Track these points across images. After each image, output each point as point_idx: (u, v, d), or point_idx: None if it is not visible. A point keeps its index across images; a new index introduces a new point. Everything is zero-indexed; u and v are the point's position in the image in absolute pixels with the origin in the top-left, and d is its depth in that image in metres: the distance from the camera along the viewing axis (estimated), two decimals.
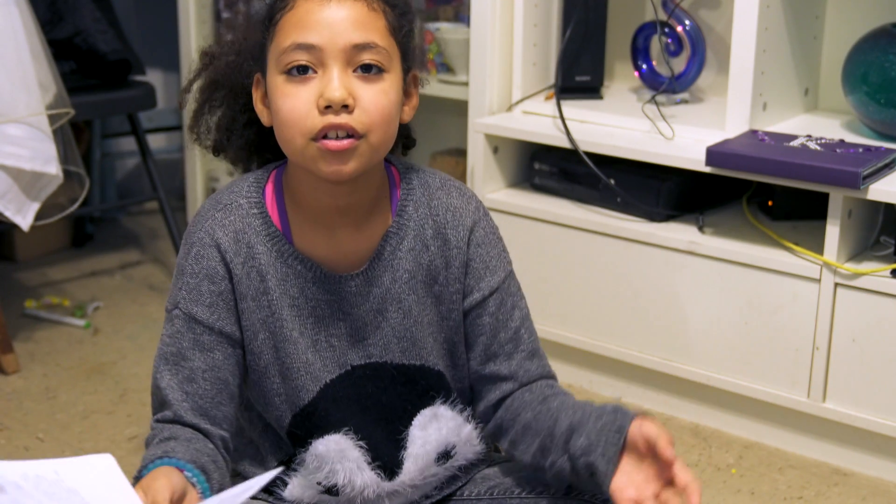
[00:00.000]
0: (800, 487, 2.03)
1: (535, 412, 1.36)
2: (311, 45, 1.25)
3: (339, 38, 1.25)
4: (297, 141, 1.27)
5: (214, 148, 1.45)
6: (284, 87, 1.26)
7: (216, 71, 1.42)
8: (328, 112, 1.24)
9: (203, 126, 1.45)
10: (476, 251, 1.39)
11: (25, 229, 2.37)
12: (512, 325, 1.40)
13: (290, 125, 1.26)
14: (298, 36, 1.26)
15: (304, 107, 1.25)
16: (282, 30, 1.28)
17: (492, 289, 1.39)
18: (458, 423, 1.40)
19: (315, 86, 1.25)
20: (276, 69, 1.28)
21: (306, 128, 1.25)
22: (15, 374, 2.43)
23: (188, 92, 1.46)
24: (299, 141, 1.26)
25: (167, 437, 1.29)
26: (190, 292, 1.34)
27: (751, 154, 2.02)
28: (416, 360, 1.39)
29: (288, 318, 1.35)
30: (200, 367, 1.33)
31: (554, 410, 1.34)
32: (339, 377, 1.38)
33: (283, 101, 1.27)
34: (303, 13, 1.26)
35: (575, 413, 1.31)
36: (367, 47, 1.26)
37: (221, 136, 1.44)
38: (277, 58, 1.27)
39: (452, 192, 1.40)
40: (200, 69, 1.44)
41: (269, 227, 1.35)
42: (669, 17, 2.38)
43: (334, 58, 1.25)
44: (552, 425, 1.32)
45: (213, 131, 1.45)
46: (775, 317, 2.08)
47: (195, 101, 1.45)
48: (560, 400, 1.36)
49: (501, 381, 1.40)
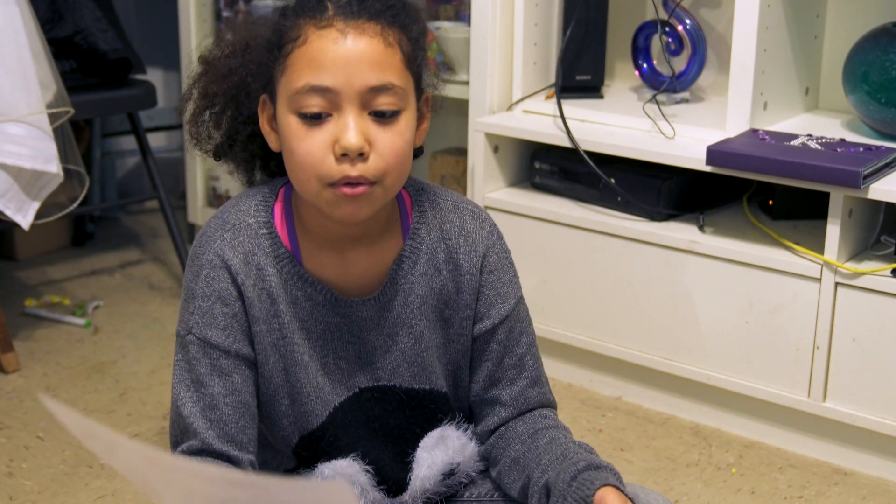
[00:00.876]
0: (800, 487, 2.03)
1: (524, 447, 1.35)
2: (325, 87, 1.21)
3: (356, 81, 1.21)
4: (311, 184, 1.24)
5: (215, 154, 1.42)
6: (298, 130, 1.23)
7: (217, 83, 1.36)
8: (344, 160, 1.22)
9: (203, 132, 1.41)
10: (488, 278, 1.38)
11: (26, 228, 2.37)
12: (518, 352, 1.40)
13: (304, 169, 1.24)
14: (312, 77, 1.21)
15: (320, 151, 1.22)
16: (294, 66, 1.23)
17: (502, 317, 1.38)
18: (463, 443, 1.39)
19: (330, 129, 1.22)
20: (288, 108, 1.24)
21: (322, 173, 1.23)
22: (15, 373, 2.43)
23: (189, 100, 1.41)
24: (314, 185, 1.24)
25: None
26: (203, 316, 1.30)
27: (751, 153, 2.02)
28: (426, 385, 1.38)
29: (298, 341, 1.33)
30: (221, 392, 1.30)
31: (540, 451, 1.33)
32: (348, 400, 1.36)
33: (298, 144, 1.23)
34: (316, 50, 1.22)
35: (553, 469, 1.30)
36: (384, 89, 1.22)
37: (223, 145, 1.41)
38: (290, 97, 1.23)
39: (465, 216, 1.38)
40: (200, 75, 1.39)
41: (279, 249, 1.32)
42: (670, 16, 2.38)
43: (350, 101, 1.21)
44: (531, 473, 1.32)
45: (213, 138, 1.41)
46: (776, 316, 2.08)
47: (195, 105, 1.41)
48: (548, 438, 1.35)
49: (501, 407, 1.40)
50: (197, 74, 1.40)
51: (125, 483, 2.02)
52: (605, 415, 2.28)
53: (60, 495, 1.98)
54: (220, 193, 3.03)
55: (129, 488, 2.00)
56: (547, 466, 1.31)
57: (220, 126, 1.39)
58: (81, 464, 2.08)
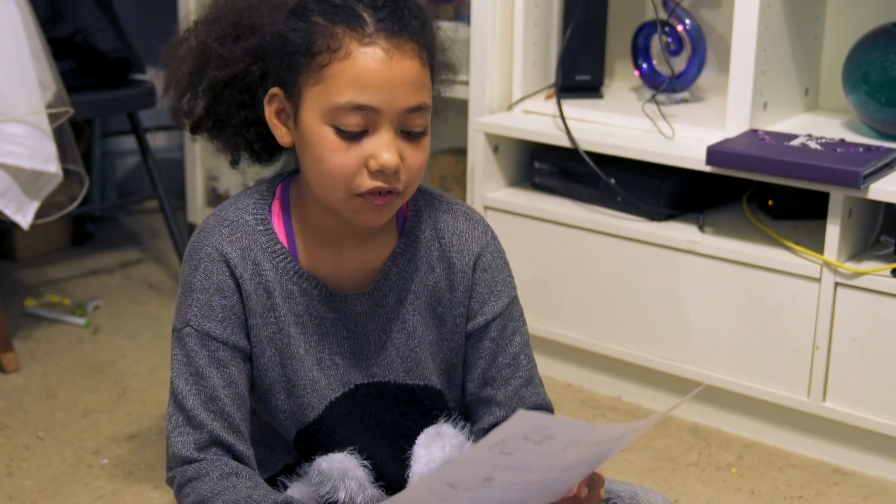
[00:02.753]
0: (800, 487, 2.03)
1: None
2: (370, 107, 1.22)
3: (398, 102, 1.23)
4: (339, 194, 1.26)
5: (192, 129, 1.39)
6: (333, 142, 1.24)
7: (213, 68, 1.33)
8: (378, 175, 1.24)
9: (187, 107, 1.37)
10: (481, 276, 1.39)
11: (25, 228, 2.37)
12: (511, 351, 1.41)
13: (335, 179, 1.25)
14: (356, 95, 1.22)
15: (355, 165, 1.24)
16: (334, 80, 1.23)
17: (495, 314, 1.40)
18: (461, 441, 1.39)
19: (366, 145, 1.24)
20: (322, 118, 1.24)
21: (353, 185, 1.24)
22: (15, 373, 2.43)
23: (176, 77, 1.36)
24: (342, 194, 1.26)
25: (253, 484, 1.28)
26: (201, 308, 1.32)
27: (751, 153, 2.02)
28: (420, 380, 1.39)
29: (294, 335, 1.34)
30: (219, 384, 1.31)
31: None
32: (343, 395, 1.37)
33: (331, 156, 1.24)
34: (362, 69, 1.22)
35: None
36: (419, 109, 1.25)
37: (203, 122, 1.37)
38: (328, 109, 1.23)
39: (459, 216, 1.40)
40: (192, 56, 1.35)
41: (275, 245, 1.33)
42: (670, 16, 2.38)
43: (389, 120, 1.23)
44: None
45: (195, 114, 1.37)
46: (775, 316, 2.08)
47: (181, 81, 1.36)
48: None
49: (497, 407, 1.41)
50: (188, 54, 1.36)
51: (125, 483, 2.02)
52: (604, 415, 2.28)
53: (60, 495, 1.98)
54: (220, 193, 3.03)
55: (129, 488, 2.00)
56: None
57: (212, 108, 1.36)
58: (81, 464, 2.08)
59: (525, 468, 1.07)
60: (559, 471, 1.11)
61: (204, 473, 1.29)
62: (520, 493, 1.13)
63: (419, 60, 1.25)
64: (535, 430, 1.02)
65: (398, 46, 1.23)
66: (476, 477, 1.07)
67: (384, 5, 1.24)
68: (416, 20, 1.26)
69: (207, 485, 1.28)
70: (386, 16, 1.23)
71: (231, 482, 1.28)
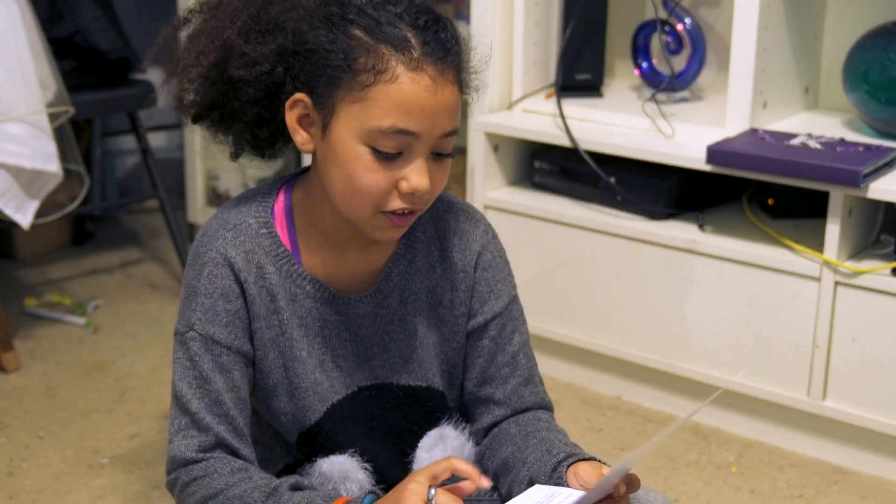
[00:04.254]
0: (800, 486, 2.03)
1: (514, 448, 1.36)
2: (411, 132, 1.22)
3: (437, 128, 1.23)
4: (365, 211, 1.25)
5: (194, 119, 1.34)
6: (368, 161, 1.23)
7: (236, 66, 1.27)
8: (407, 198, 1.24)
9: (193, 94, 1.32)
10: (482, 275, 1.39)
11: (26, 227, 2.37)
12: (510, 350, 1.41)
13: (363, 196, 1.24)
14: (400, 120, 1.21)
15: (386, 185, 1.24)
16: (379, 102, 1.21)
17: (495, 313, 1.40)
18: (462, 443, 1.40)
19: (399, 166, 1.23)
20: (359, 137, 1.23)
21: (382, 203, 1.25)
22: (15, 373, 2.43)
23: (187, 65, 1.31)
24: (368, 211, 1.25)
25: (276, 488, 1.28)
26: (205, 313, 1.31)
27: (751, 152, 2.02)
28: (422, 382, 1.39)
29: (297, 337, 1.34)
30: (223, 388, 1.31)
31: (528, 451, 1.34)
32: (346, 398, 1.37)
33: (364, 174, 1.23)
34: (408, 94, 1.21)
35: (536, 465, 1.31)
36: (452, 134, 1.25)
37: (214, 116, 1.33)
38: (368, 130, 1.22)
39: (459, 216, 1.40)
40: (214, 51, 1.29)
41: (279, 248, 1.33)
42: (670, 15, 2.38)
43: (425, 145, 1.23)
44: (518, 472, 1.33)
45: (204, 106, 1.32)
46: (775, 315, 2.08)
47: (191, 69, 1.30)
48: (538, 440, 1.35)
49: (495, 406, 1.41)
50: (208, 46, 1.30)
51: (125, 483, 2.02)
52: (604, 414, 2.28)
53: (60, 495, 1.98)
54: (220, 193, 3.03)
55: (129, 488, 2.00)
56: (532, 464, 1.32)
57: (223, 101, 1.31)
58: (81, 463, 2.08)
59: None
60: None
61: (212, 471, 1.29)
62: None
63: (457, 87, 1.25)
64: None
65: (443, 74, 1.22)
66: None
67: (427, 26, 1.23)
68: (457, 44, 1.26)
69: (219, 480, 1.28)
70: (431, 39, 1.22)
71: (245, 475, 1.28)
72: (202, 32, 1.31)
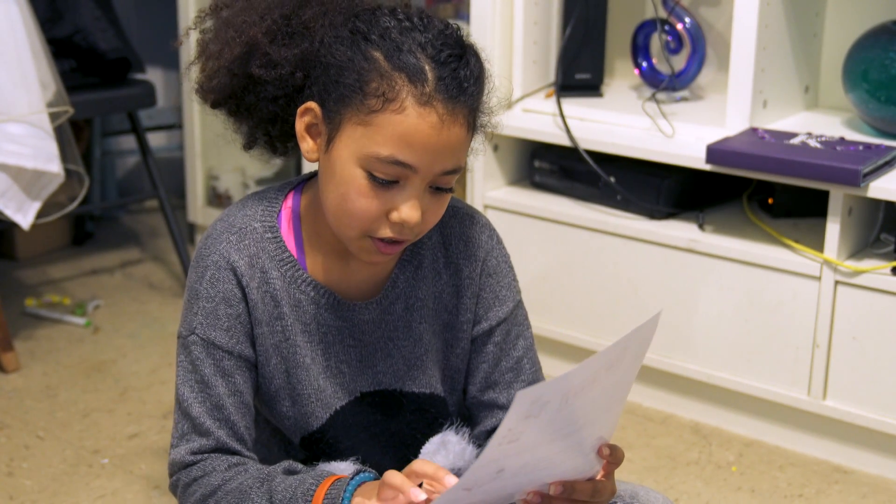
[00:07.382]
0: (800, 485, 2.03)
1: None
2: (409, 165, 1.20)
3: (437, 166, 1.21)
4: (353, 232, 1.25)
5: (213, 104, 1.34)
6: (362, 186, 1.21)
7: (259, 66, 1.27)
8: (396, 228, 1.23)
9: (214, 83, 1.31)
10: (487, 281, 1.39)
11: (26, 228, 2.37)
12: (514, 355, 1.40)
13: (353, 218, 1.23)
14: (400, 152, 1.19)
15: (377, 212, 1.22)
16: (382, 129, 1.19)
17: (500, 319, 1.39)
18: (463, 447, 1.39)
19: (393, 195, 1.22)
20: (358, 161, 1.21)
21: (371, 229, 1.23)
22: (15, 373, 2.43)
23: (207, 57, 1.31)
24: (355, 232, 1.25)
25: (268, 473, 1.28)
26: (207, 317, 1.31)
27: (751, 152, 2.02)
28: (426, 388, 1.39)
29: (301, 344, 1.34)
30: (225, 392, 1.31)
31: None
32: (349, 404, 1.37)
33: (356, 198, 1.22)
34: (412, 129, 1.19)
35: None
36: (454, 171, 1.23)
37: (231, 106, 1.33)
38: (366, 155, 1.20)
39: (465, 221, 1.39)
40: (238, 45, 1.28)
41: (283, 253, 1.32)
42: (669, 14, 2.38)
43: (423, 179, 1.22)
44: None
45: (223, 95, 1.32)
46: (776, 314, 2.08)
47: (211, 63, 1.30)
48: None
49: (499, 410, 1.41)
50: (233, 40, 1.28)
51: (125, 483, 2.02)
52: None
53: (60, 495, 1.98)
54: (220, 193, 3.03)
55: (129, 488, 2.00)
56: None
57: (240, 95, 1.31)
58: (81, 463, 2.08)
59: (532, 446, 1.07)
60: (565, 436, 1.11)
61: (210, 469, 1.29)
62: (531, 476, 1.13)
63: (467, 126, 1.22)
64: (534, 405, 1.02)
65: (452, 113, 1.20)
66: (488, 473, 1.07)
67: (447, 62, 1.21)
68: (474, 84, 1.23)
69: (216, 477, 1.28)
70: (447, 75, 1.20)
71: (240, 469, 1.29)
72: (231, 23, 1.30)
